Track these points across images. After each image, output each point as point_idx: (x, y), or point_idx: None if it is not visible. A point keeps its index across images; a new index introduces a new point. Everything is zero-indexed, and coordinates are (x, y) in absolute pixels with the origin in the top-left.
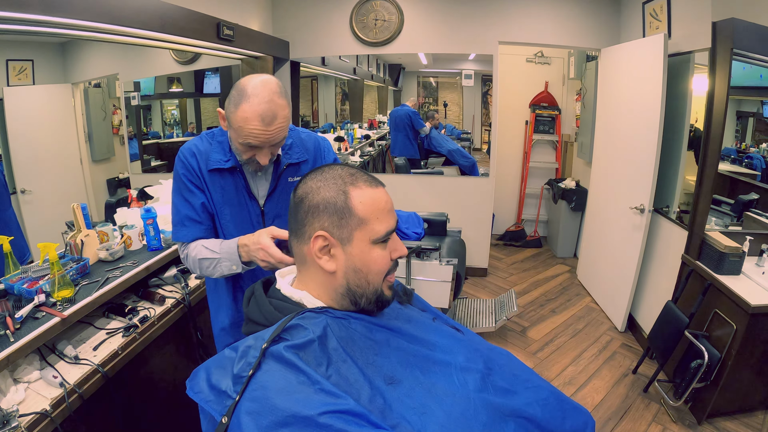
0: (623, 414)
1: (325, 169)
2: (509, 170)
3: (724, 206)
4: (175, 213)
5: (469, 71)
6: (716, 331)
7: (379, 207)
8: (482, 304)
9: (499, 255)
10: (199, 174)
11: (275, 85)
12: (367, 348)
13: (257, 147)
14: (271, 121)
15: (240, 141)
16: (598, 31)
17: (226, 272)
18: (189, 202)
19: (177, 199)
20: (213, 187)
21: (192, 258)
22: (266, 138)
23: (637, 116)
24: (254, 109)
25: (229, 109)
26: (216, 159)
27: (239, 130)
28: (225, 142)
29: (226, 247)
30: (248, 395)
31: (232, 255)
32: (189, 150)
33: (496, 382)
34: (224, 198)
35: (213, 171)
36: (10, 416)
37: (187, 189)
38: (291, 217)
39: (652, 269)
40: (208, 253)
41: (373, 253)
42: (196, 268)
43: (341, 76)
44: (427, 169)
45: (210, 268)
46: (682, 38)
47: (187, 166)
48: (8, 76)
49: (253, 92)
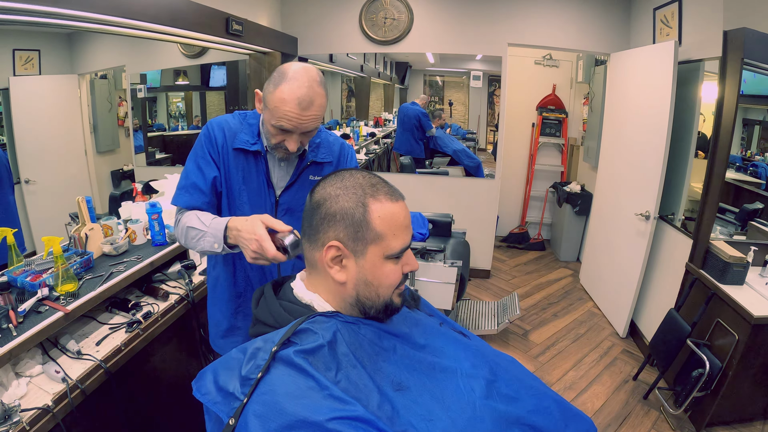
0: (623, 420)
1: (345, 175)
2: (514, 172)
3: (729, 214)
4: (184, 177)
5: (478, 72)
6: (718, 341)
7: (397, 223)
8: (485, 307)
9: (502, 257)
10: (220, 150)
11: (316, 73)
12: (375, 354)
13: (288, 131)
14: (307, 106)
15: (273, 123)
16: (607, 35)
17: (207, 248)
18: (202, 171)
19: (191, 164)
20: (235, 166)
21: (182, 225)
22: (299, 123)
23: (645, 122)
24: (293, 91)
25: (268, 89)
26: (243, 139)
27: (275, 110)
28: (255, 125)
29: (215, 224)
30: (257, 398)
31: (218, 233)
32: (219, 124)
33: (501, 389)
34: (244, 180)
35: (238, 150)
36: (12, 411)
37: (205, 159)
38: (305, 219)
39: (656, 276)
40: (198, 223)
41: (386, 268)
42: (182, 236)
43: (348, 73)
44: (432, 168)
45: (194, 240)
46: (693, 46)
47: (212, 138)
48: (14, 66)
49: (294, 76)
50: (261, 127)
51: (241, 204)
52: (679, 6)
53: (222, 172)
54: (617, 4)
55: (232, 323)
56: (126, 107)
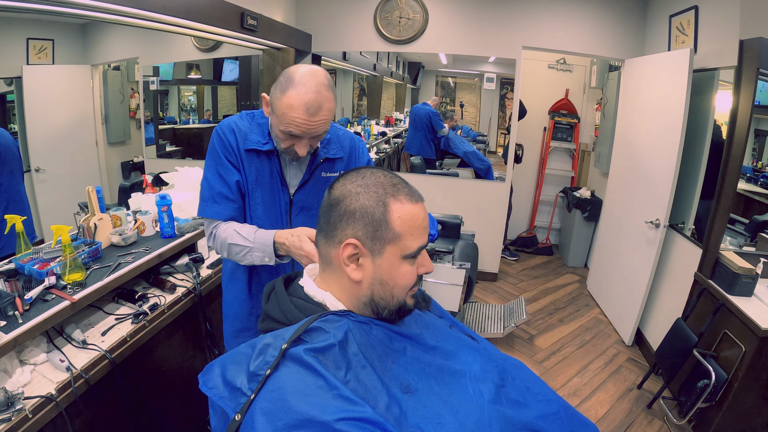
0: (626, 429)
1: (366, 173)
2: (525, 176)
3: (738, 225)
4: (207, 188)
5: (491, 74)
6: (724, 352)
7: (416, 224)
8: (491, 310)
9: (510, 260)
10: (236, 152)
11: (324, 76)
12: (385, 355)
13: (297, 137)
14: (315, 111)
15: (281, 128)
16: (622, 41)
17: (257, 262)
18: (223, 178)
19: (210, 173)
20: (249, 167)
21: (221, 240)
22: (308, 128)
23: (658, 130)
24: (300, 97)
25: (275, 94)
26: (254, 140)
27: (282, 117)
28: (265, 125)
29: (261, 238)
30: (264, 395)
31: (267, 248)
32: (228, 126)
33: (509, 394)
34: (258, 180)
35: (250, 151)
36: (15, 398)
37: (223, 165)
38: (322, 215)
39: (663, 285)
40: (241, 239)
41: (402, 268)
42: (223, 251)
43: (361, 72)
44: (442, 169)
45: (239, 255)
46: (708, 54)
47: (225, 143)
48: (28, 55)
49: (301, 81)
50: (270, 128)
51: (254, 204)
52: (695, 14)
53: (242, 174)
54: (633, 10)
55: (246, 324)
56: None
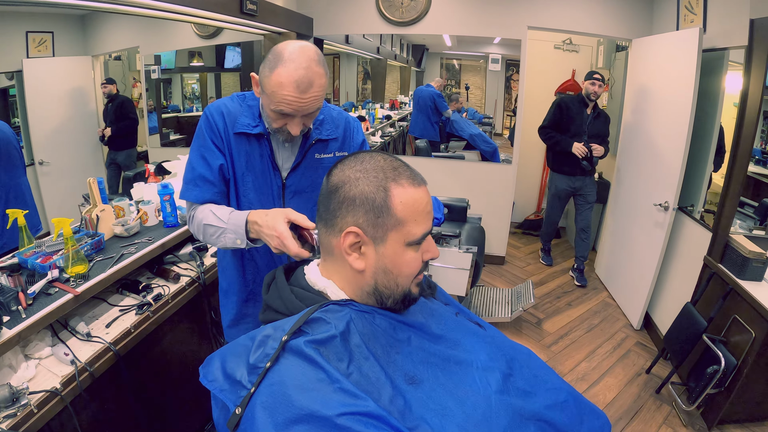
0: (634, 414)
1: (365, 158)
2: (531, 158)
3: (748, 208)
4: (189, 170)
5: (496, 55)
6: (734, 337)
7: (419, 209)
8: (499, 294)
9: (517, 243)
10: (223, 135)
11: (314, 52)
12: (389, 346)
13: (289, 115)
14: (306, 88)
15: (272, 108)
16: (630, 21)
17: (229, 245)
18: (207, 161)
19: (194, 156)
20: (237, 151)
21: (197, 221)
22: (300, 106)
23: (667, 111)
24: (290, 74)
25: (264, 72)
26: (244, 123)
27: (272, 95)
28: (255, 107)
29: (234, 219)
30: (265, 389)
31: (239, 229)
32: (217, 108)
33: (517, 383)
34: (248, 165)
35: (239, 134)
36: (20, 393)
37: (208, 148)
38: (321, 203)
39: (672, 268)
40: (215, 220)
41: (406, 256)
42: (199, 233)
43: (364, 55)
44: (447, 152)
45: (214, 237)
46: (717, 34)
47: (212, 125)
48: (28, 48)
49: (290, 57)
50: (261, 110)
51: (245, 190)
52: None
53: (227, 159)
54: None
55: (243, 311)
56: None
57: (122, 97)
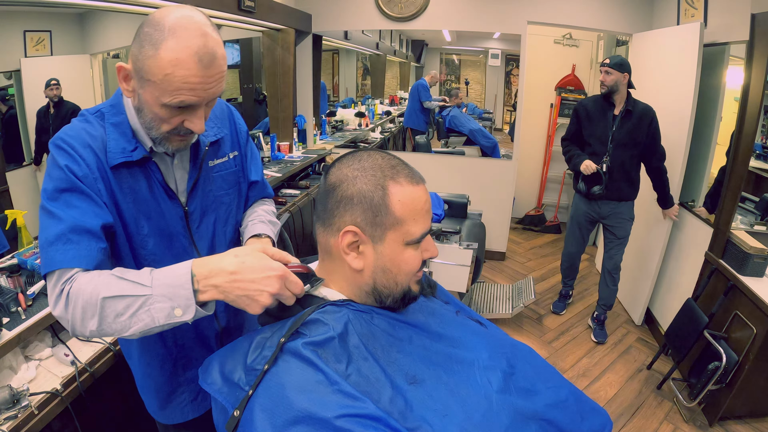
0: (635, 410)
1: (363, 156)
2: (532, 153)
3: (748, 203)
4: (52, 225)
5: (496, 51)
6: (735, 333)
7: (418, 207)
8: (499, 290)
9: (518, 239)
10: (98, 174)
11: (202, 15)
12: (389, 345)
13: (191, 106)
14: (210, 61)
15: (167, 101)
16: (630, 15)
17: (159, 321)
18: (79, 208)
19: (57, 206)
20: (121, 190)
21: (86, 297)
22: (206, 87)
23: (668, 106)
24: (187, 46)
25: (144, 53)
26: (117, 149)
27: (166, 81)
28: (123, 123)
29: (163, 278)
30: (263, 391)
31: (180, 290)
32: (79, 138)
33: (518, 382)
34: (138, 205)
35: (119, 167)
36: (21, 395)
37: (77, 191)
38: (319, 202)
39: (673, 264)
40: (126, 287)
41: (405, 254)
42: (89, 318)
43: (363, 51)
44: (447, 148)
45: (124, 316)
46: (718, 28)
47: (79, 162)
48: (26, 47)
49: (178, 25)
50: (136, 119)
51: (142, 240)
52: None
53: (111, 207)
54: None
55: (175, 382)
56: None
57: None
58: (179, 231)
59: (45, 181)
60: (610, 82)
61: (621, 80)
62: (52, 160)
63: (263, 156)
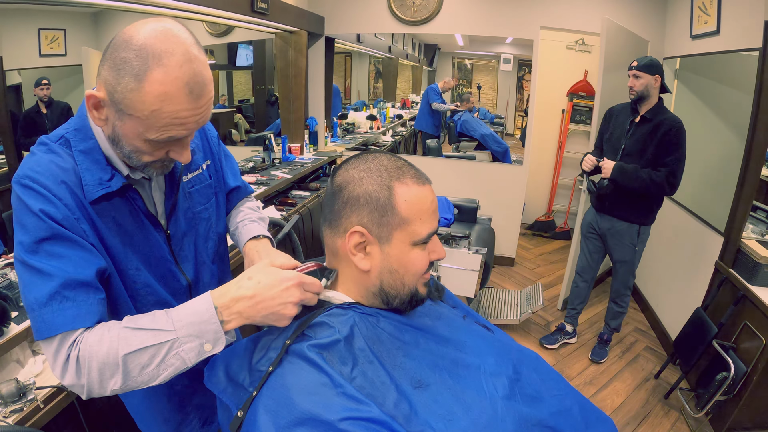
0: (642, 420)
1: (369, 158)
2: (542, 159)
3: (760, 212)
4: (40, 284)
5: (508, 55)
6: (744, 344)
7: (424, 207)
8: (508, 295)
9: (527, 245)
10: (78, 212)
11: (184, 30)
12: (395, 349)
13: (178, 139)
14: (201, 90)
15: (152, 137)
16: (643, 21)
17: (189, 362)
18: (66, 257)
19: (40, 260)
20: (105, 223)
21: (101, 356)
22: (197, 118)
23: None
24: (175, 76)
25: (123, 86)
26: (93, 181)
27: (153, 117)
28: (94, 149)
29: (185, 317)
30: (267, 392)
31: (206, 325)
32: (50, 173)
33: (524, 389)
34: (123, 237)
35: (99, 200)
36: (27, 389)
37: (66, 239)
38: (326, 204)
39: (683, 272)
40: (146, 336)
41: (412, 255)
42: (111, 375)
43: (376, 54)
44: (458, 152)
45: (149, 367)
46: (731, 35)
47: (56, 203)
48: (40, 46)
49: (161, 48)
50: (108, 145)
51: (134, 274)
52: None
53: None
54: None
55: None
56: None
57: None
58: (164, 255)
59: (17, 232)
60: (640, 87)
61: (652, 84)
62: (20, 204)
63: (274, 157)
